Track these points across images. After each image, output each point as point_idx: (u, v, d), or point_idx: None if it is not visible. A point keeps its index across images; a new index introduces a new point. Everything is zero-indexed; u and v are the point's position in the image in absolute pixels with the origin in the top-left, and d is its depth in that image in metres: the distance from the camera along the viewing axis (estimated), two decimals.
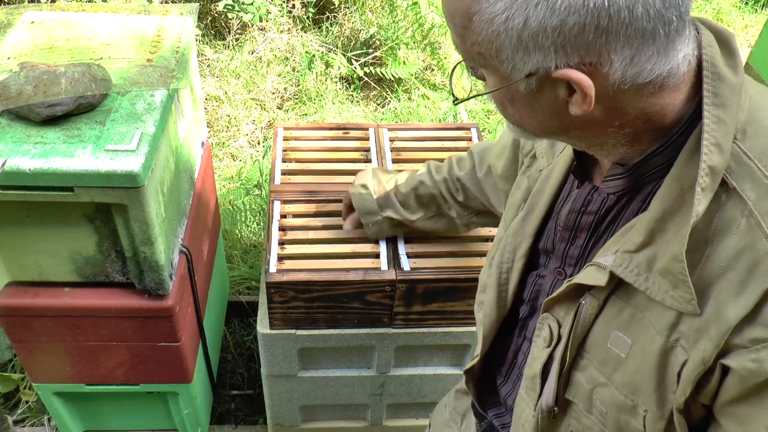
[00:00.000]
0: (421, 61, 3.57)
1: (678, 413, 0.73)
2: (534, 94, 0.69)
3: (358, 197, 1.40)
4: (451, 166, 1.30)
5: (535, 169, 0.95)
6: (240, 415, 2.04)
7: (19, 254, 1.35)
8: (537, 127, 0.74)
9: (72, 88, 1.20)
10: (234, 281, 2.40)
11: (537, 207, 0.91)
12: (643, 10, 0.60)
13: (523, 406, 0.94)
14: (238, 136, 3.14)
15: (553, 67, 0.64)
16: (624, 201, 0.78)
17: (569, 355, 0.83)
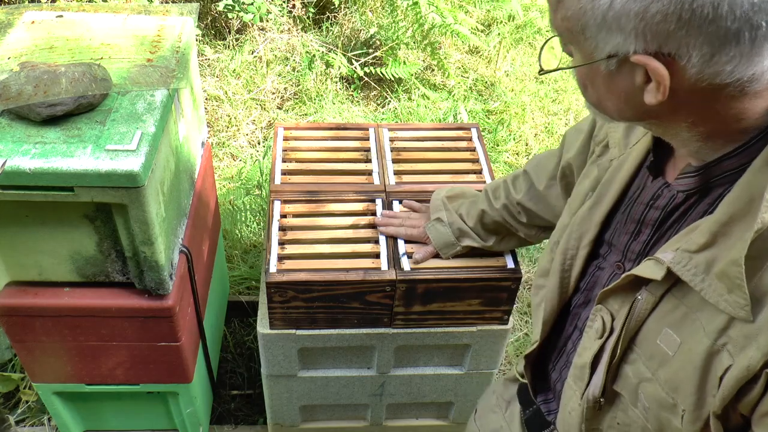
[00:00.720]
0: (421, 61, 3.57)
1: (715, 418, 0.73)
2: (613, 75, 0.70)
3: (435, 233, 1.41)
4: (508, 191, 1.31)
5: (606, 159, 0.95)
6: (240, 415, 2.04)
7: (19, 254, 1.35)
8: (613, 110, 0.75)
9: (72, 88, 1.20)
10: (234, 281, 2.40)
11: (606, 197, 0.91)
12: (728, 10, 0.59)
13: (570, 394, 0.95)
14: (238, 136, 3.14)
15: (631, 51, 0.65)
16: (692, 201, 0.78)
17: (620, 348, 0.83)
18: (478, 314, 1.48)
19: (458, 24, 3.34)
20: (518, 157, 3.16)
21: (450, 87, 3.53)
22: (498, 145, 3.20)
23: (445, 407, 1.77)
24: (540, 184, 1.23)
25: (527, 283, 2.56)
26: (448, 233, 1.40)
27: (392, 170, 1.64)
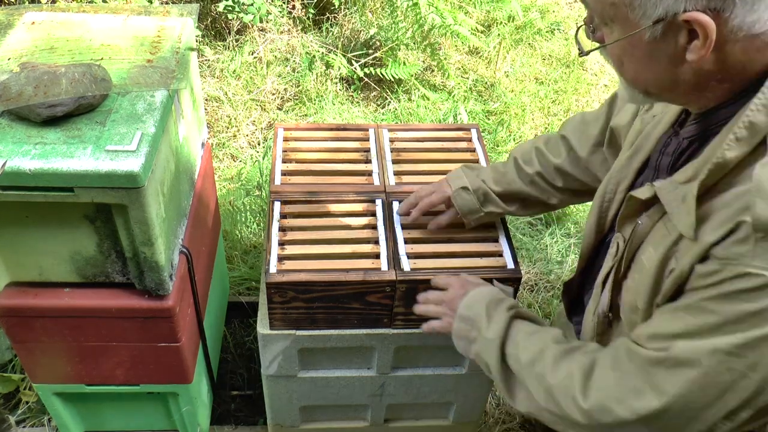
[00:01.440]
0: (421, 61, 3.57)
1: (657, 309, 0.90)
2: (656, 42, 0.77)
3: (461, 199, 1.42)
4: (542, 156, 1.36)
5: (650, 115, 1.05)
6: (240, 416, 2.04)
7: (19, 255, 1.35)
8: (651, 80, 0.82)
9: (72, 88, 1.20)
10: (234, 282, 2.40)
11: (643, 149, 1.02)
12: None
13: (588, 312, 1.12)
14: (238, 136, 3.14)
15: (681, 9, 0.72)
16: (694, 147, 0.89)
17: (623, 266, 0.98)
18: None
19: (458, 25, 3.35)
20: None
21: (450, 88, 3.53)
22: (498, 145, 3.20)
23: (445, 407, 1.77)
24: (582, 151, 1.29)
25: (527, 284, 2.56)
26: (473, 200, 1.41)
27: (392, 171, 1.64)
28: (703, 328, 0.81)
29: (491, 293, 1.21)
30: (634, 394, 0.88)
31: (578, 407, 0.95)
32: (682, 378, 0.83)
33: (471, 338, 1.17)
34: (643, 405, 0.87)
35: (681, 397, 0.84)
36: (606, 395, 0.92)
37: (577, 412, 0.95)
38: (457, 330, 1.20)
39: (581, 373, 0.97)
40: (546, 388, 1.01)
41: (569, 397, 0.97)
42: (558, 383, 0.99)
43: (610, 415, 0.91)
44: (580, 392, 0.95)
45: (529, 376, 1.06)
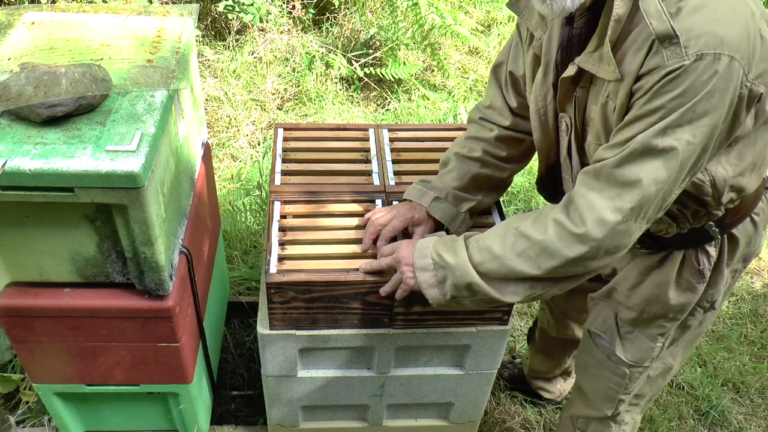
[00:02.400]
0: (421, 61, 3.57)
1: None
2: None
3: (439, 210, 1.47)
4: (479, 139, 1.50)
5: (536, 41, 1.27)
6: (240, 416, 2.04)
7: (19, 255, 1.35)
8: None
9: (72, 88, 1.20)
10: (234, 282, 2.40)
11: (551, 61, 1.24)
12: None
13: (567, 183, 1.37)
14: (238, 136, 3.14)
15: None
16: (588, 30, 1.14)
17: (579, 132, 1.23)
18: (477, 314, 1.48)
19: (458, 25, 3.35)
20: None
21: (450, 87, 3.53)
22: None
23: (445, 407, 1.77)
24: (505, 123, 1.48)
25: None
26: (448, 206, 1.47)
27: (392, 171, 1.64)
28: (650, 124, 1.04)
29: (431, 239, 1.30)
30: (615, 198, 1.09)
31: (576, 237, 1.13)
32: (647, 165, 1.06)
33: (440, 278, 1.25)
34: (625, 202, 1.09)
35: (651, 180, 1.07)
36: (592, 212, 1.11)
37: (578, 243, 1.13)
38: (423, 282, 1.27)
39: (562, 212, 1.15)
40: (540, 249, 1.16)
41: (564, 236, 1.14)
42: (548, 235, 1.15)
43: (604, 225, 1.10)
44: (571, 224, 1.13)
45: (511, 258, 1.18)
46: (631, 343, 1.45)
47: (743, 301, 2.65)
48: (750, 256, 1.39)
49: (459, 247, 1.24)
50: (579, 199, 1.13)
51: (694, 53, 0.99)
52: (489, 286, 1.22)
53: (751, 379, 2.34)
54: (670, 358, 1.50)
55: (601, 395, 1.57)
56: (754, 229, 1.33)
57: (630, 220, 1.10)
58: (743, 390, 2.31)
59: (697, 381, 2.30)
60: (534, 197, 2.92)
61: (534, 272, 1.18)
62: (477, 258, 1.22)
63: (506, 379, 2.22)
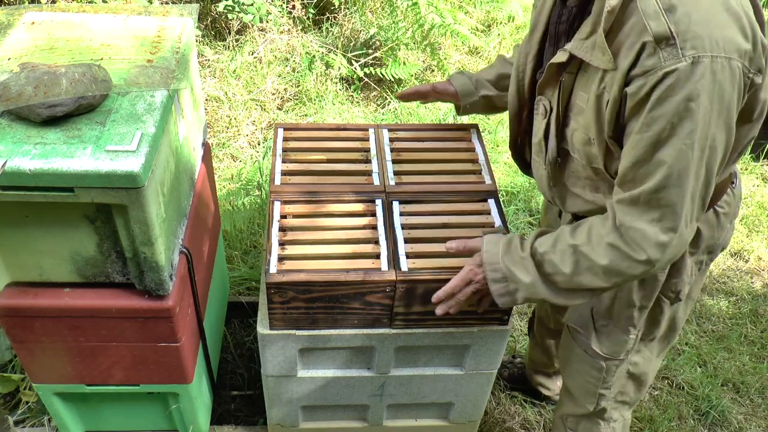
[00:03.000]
0: (421, 61, 3.57)
1: (609, 139, 1.15)
2: None
3: (458, 81, 1.65)
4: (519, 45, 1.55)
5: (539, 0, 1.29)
6: (240, 416, 2.04)
7: (19, 255, 1.35)
8: None
9: (72, 88, 1.20)
10: (234, 282, 2.40)
11: (539, 24, 1.27)
12: None
13: (537, 165, 1.39)
14: (238, 136, 3.14)
15: None
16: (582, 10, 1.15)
17: (561, 116, 1.23)
18: (478, 314, 1.48)
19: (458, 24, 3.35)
20: None
21: None
22: (498, 145, 3.20)
23: (445, 408, 1.77)
24: None
25: None
26: (467, 82, 1.64)
27: (392, 171, 1.64)
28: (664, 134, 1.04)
29: (498, 250, 1.31)
30: (661, 220, 1.12)
31: (640, 262, 1.15)
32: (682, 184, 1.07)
33: (511, 290, 1.29)
34: (671, 221, 1.11)
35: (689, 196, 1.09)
36: (646, 240, 1.13)
37: (643, 266, 1.16)
38: (494, 291, 1.31)
39: (616, 237, 1.16)
40: (606, 270, 1.18)
41: (626, 260, 1.16)
42: (611, 260, 1.17)
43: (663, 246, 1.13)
44: (631, 251, 1.15)
45: (581, 274, 1.21)
46: (606, 336, 1.47)
47: (743, 301, 2.65)
48: (715, 249, 1.40)
49: (529, 266, 1.26)
50: (628, 230, 1.14)
51: (691, 55, 0.99)
52: (559, 298, 1.26)
53: (751, 379, 2.34)
54: (647, 353, 1.52)
55: (583, 390, 1.59)
56: (717, 221, 1.35)
57: (682, 231, 1.13)
58: (743, 390, 2.31)
59: (697, 381, 2.30)
60: (534, 197, 2.92)
61: (604, 285, 1.22)
62: (547, 270, 1.25)
63: (506, 379, 2.22)
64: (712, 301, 2.64)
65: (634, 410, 2.19)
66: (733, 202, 1.36)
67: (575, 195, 1.35)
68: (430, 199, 1.59)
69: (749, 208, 3.05)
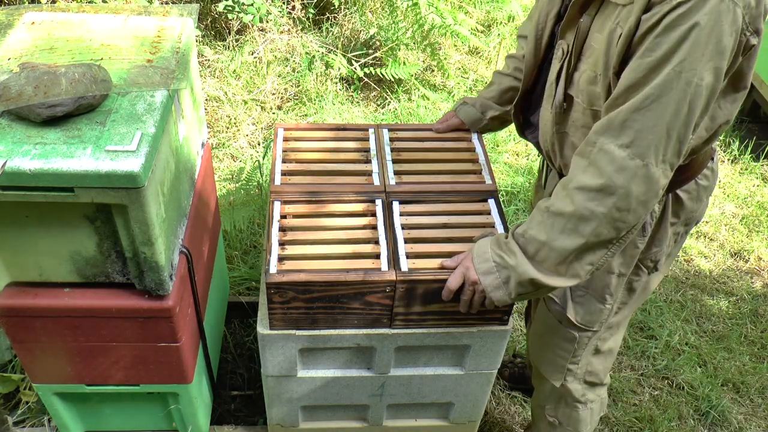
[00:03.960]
0: (421, 61, 3.57)
1: (613, 75, 1.16)
2: None
3: (463, 111, 1.73)
4: (513, 56, 1.64)
5: None
6: (240, 416, 2.04)
7: (19, 255, 1.35)
8: None
9: (72, 88, 1.20)
10: (234, 282, 2.40)
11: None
12: None
13: (545, 110, 1.38)
14: (238, 136, 3.14)
15: None
16: None
17: (573, 59, 1.24)
18: (477, 314, 1.48)
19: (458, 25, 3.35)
20: (518, 157, 3.16)
21: (450, 87, 3.53)
22: (498, 145, 3.20)
23: (445, 407, 1.77)
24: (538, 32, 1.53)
25: None
26: (474, 111, 1.71)
27: (392, 171, 1.64)
28: (665, 58, 1.06)
29: (487, 242, 1.33)
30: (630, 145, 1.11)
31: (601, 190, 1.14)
32: (659, 108, 1.08)
33: (503, 278, 1.29)
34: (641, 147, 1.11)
35: (664, 122, 1.09)
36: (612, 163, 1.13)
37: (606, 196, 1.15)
38: (488, 285, 1.31)
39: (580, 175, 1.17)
40: (576, 219, 1.18)
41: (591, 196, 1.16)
42: (577, 203, 1.17)
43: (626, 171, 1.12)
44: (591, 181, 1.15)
45: (556, 238, 1.21)
46: (581, 305, 1.48)
47: (743, 301, 2.65)
48: (691, 222, 1.42)
49: (513, 247, 1.27)
50: (595, 153, 1.15)
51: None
52: (548, 278, 1.25)
53: (751, 379, 2.34)
54: (616, 328, 1.54)
55: (551, 365, 1.61)
56: (697, 193, 1.37)
57: (650, 164, 1.12)
58: (743, 390, 2.31)
59: (697, 381, 2.30)
60: None
61: (580, 241, 1.20)
62: (530, 250, 1.25)
63: (506, 379, 2.22)
64: (712, 301, 2.64)
65: (634, 410, 2.19)
66: (711, 175, 1.39)
67: (573, 144, 1.36)
68: (430, 199, 1.60)
69: (749, 208, 3.05)
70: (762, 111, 3.50)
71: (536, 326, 1.65)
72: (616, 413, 2.19)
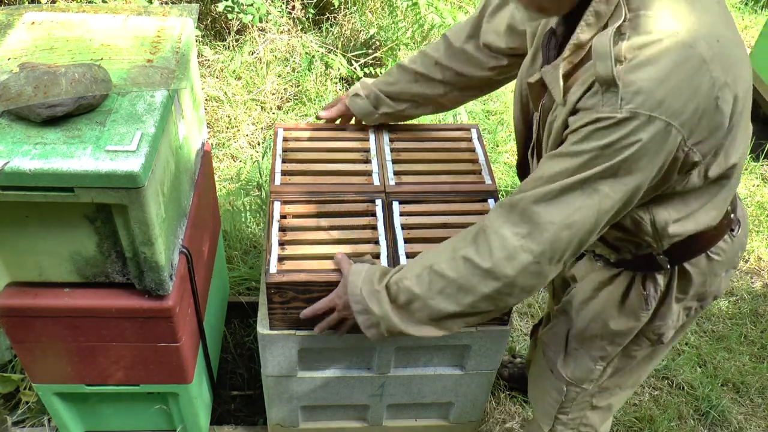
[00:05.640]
0: None
1: None
2: None
3: (355, 105, 1.66)
4: (425, 54, 1.57)
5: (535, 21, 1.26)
6: (240, 416, 2.04)
7: (19, 254, 1.35)
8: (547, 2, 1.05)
9: (72, 88, 1.20)
10: (234, 282, 2.40)
11: (540, 49, 1.23)
12: None
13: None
14: (238, 136, 3.14)
15: None
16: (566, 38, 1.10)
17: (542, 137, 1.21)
18: None
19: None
20: None
21: None
22: (498, 145, 3.20)
23: (445, 407, 1.77)
24: (457, 42, 1.52)
25: None
26: (366, 104, 1.65)
27: (392, 171, 1.64)
28: (574, 167, 1.03)
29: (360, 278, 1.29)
30: (527, 237, 1.08)
31: (486, 272, 1.12)
32: (563, 209, 1.05)
33: (373, 322, 1.27)
34: (537, 244, 1.08)
35: (564, 226, 1.05)
36: (504, 249, 1.10)
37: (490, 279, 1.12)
38: (361, 323, 1.29)
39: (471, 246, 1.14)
40: (456, 287, 1.15)
41: (476, 273, 1.13)
42: (461, 273, 1.14)
43: (516, 264, 1.09)
44: (479, 259, 1.12)
45: (432, 297, 1.18)
46: (573, 359, 1.44)
47: (743, 301, 2.65)
48: (706, 297, 1.34)
49: (382, 297, 1.24)
50: (491, 233, 1.12)
51: (628, 109, 0.96)
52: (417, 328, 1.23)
53: (751, 379, 2.34)
54: (616, 389, 1.48)
55: (542, 409, 1.57)
56: (710, 267, 1.27)
57: (542, 262, 1.09)
58: (743, 390, 2.31)
59: (697, 381, 2.30)
60: None
61: (457, 308, 1.17)
62: (402, 299, 1.22)
63: (506, 379, 2.22)
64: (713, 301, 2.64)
65: (634, 410, 2.19)
66: (730, 249, 1.28)
67: None
68: (430, 199, 1.60)
69: (749, 208, 3.05)
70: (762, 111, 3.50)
71: (532, 366, 1.61)
72: (616, 413, 2.19)
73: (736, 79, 1.01)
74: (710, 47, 0.97)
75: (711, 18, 1.01)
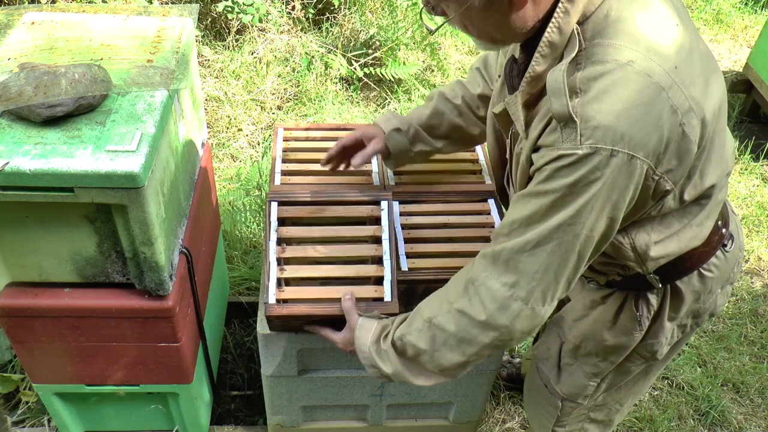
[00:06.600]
0: (420, 61, 3.57)
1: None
2: (487, 6, 0.96)
3: (393, 140, 1.50)
4: (465, 88, 1.50)
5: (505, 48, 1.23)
6: (240, 416, 2.04)
7: (19, 255, 1.35)
8: (496, 34, 1.02)
9: (72, 88, 1.20)
10: (234, 282, 2.40)
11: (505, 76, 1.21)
12: None
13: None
14: (238, 136, 3.14)
15: None
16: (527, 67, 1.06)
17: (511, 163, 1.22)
18: None
19: None
20: None
21: None
22: None
23: (445, 407, 1.77)
24: (492, 82, 1.46)
25: None
26: (404, 140, 1.50)
27: (392, 171, 1.64)
28: (545, 206, 1.01)
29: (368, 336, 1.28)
30: (515, 286, 1.07)
31: (483, 324, 1.11)
32: (544, 255, 1.04)
33: (384, 375, 1.27)
34: (525, 290, 1.07)
35: (550, 270, 1.05)
36: (494, 301, 1.09)
37: (488, 330, 1.11)
38: (371, 374, 1.30)
39: (463, 297, 1.13)
40: (457, 339, 1.15)
41: (473, 325, 1.13)
42: (459, 327, 1.14)
43: (509, 313, 1.09)
44: (474, 313, 1.12)
45: (438, 349, 1.18)
46: (568, 375, 1.44)
47: (743, 301, 2.65)
48: (701, 314, 1.32)
49: (391, 356, 1.24)
50: (479, 285, 1.11)
51: (588, 145, 0.93)
52: (427, 379, 1.24)
53: (751, 379, 2.34)
54: (615, 404, 1.48)
55: (537, 423, 1.57)
56: (703, 284, 1.25)
57: (535, 306, 1.08)
58: (743, 390, 2.31)
59: (697, 381, 2.30)
60: None
61: (462, 359, 1.18)
62: (410, 353, 1.22)
63: (505, 379, 2.22)
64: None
65: (634, 410, 2.19)
66: (724, 265, 1.26)
67: None
68: (430, 199, 1.59)
69: (749, 208, 3.05)
70: (762, 111, 3.50)
71: (527, 381, 1.60)
72: None
73: (702, 101, 0.98)
74: (668, 74, 0.94)
75: (672, 39, 0.98)
